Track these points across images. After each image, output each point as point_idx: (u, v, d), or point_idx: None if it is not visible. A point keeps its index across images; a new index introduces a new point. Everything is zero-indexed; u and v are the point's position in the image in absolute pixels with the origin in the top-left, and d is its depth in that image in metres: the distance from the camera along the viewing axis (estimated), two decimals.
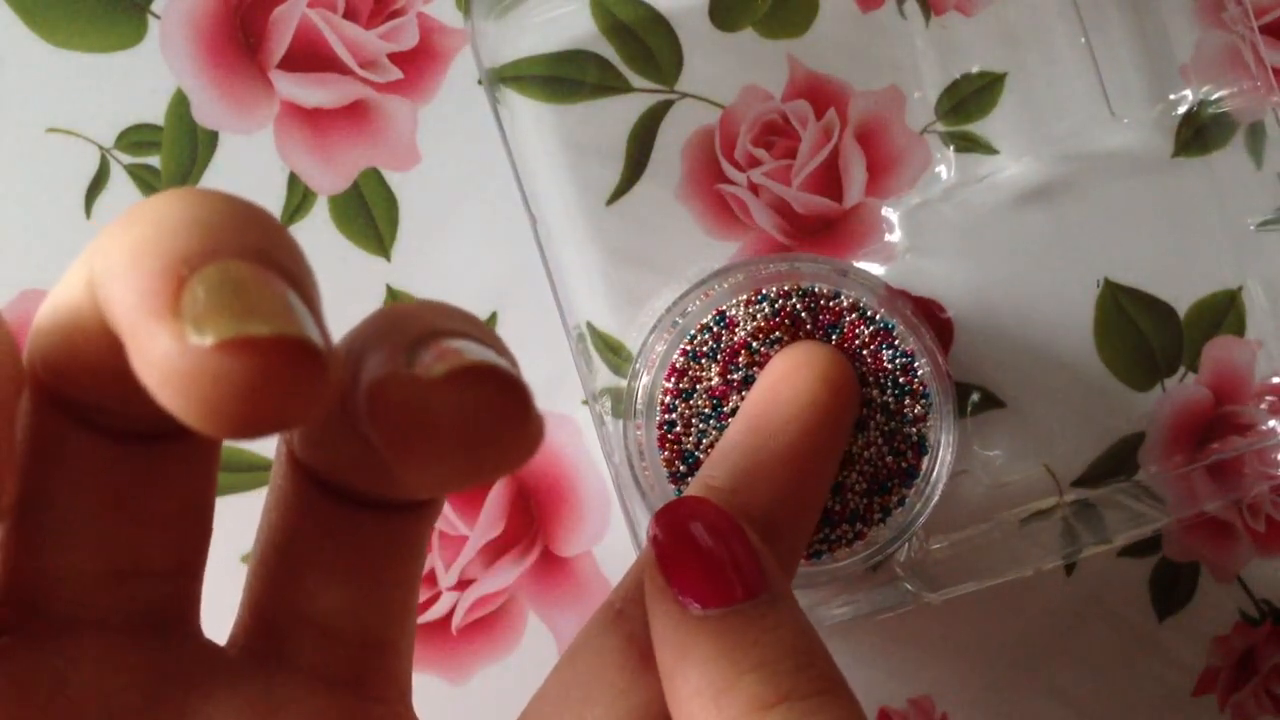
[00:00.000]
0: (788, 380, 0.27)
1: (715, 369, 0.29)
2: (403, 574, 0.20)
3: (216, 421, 0.13)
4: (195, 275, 0.13)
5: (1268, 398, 0.33)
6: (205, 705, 0.18)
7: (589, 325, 0.32)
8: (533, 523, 0.34)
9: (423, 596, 0.33)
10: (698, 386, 0.29)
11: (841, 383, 0.27)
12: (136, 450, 0.18)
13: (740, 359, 0.29)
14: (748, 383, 0.29)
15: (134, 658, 0.18)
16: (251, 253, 0.14)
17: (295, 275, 0.14)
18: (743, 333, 0.29)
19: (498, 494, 0.34)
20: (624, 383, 0.31)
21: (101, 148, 0.33)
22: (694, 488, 0.25)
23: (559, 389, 0.33)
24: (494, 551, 0.34)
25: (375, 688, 0.20)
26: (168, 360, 0.13)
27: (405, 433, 0.15)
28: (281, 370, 0.13)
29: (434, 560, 0.33)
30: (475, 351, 0.16)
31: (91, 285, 0.15)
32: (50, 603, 0.18)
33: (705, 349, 0.29)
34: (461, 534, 0.33)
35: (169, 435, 0.18)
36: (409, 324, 0.16)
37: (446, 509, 0.33)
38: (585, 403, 0.33)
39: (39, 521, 0.18)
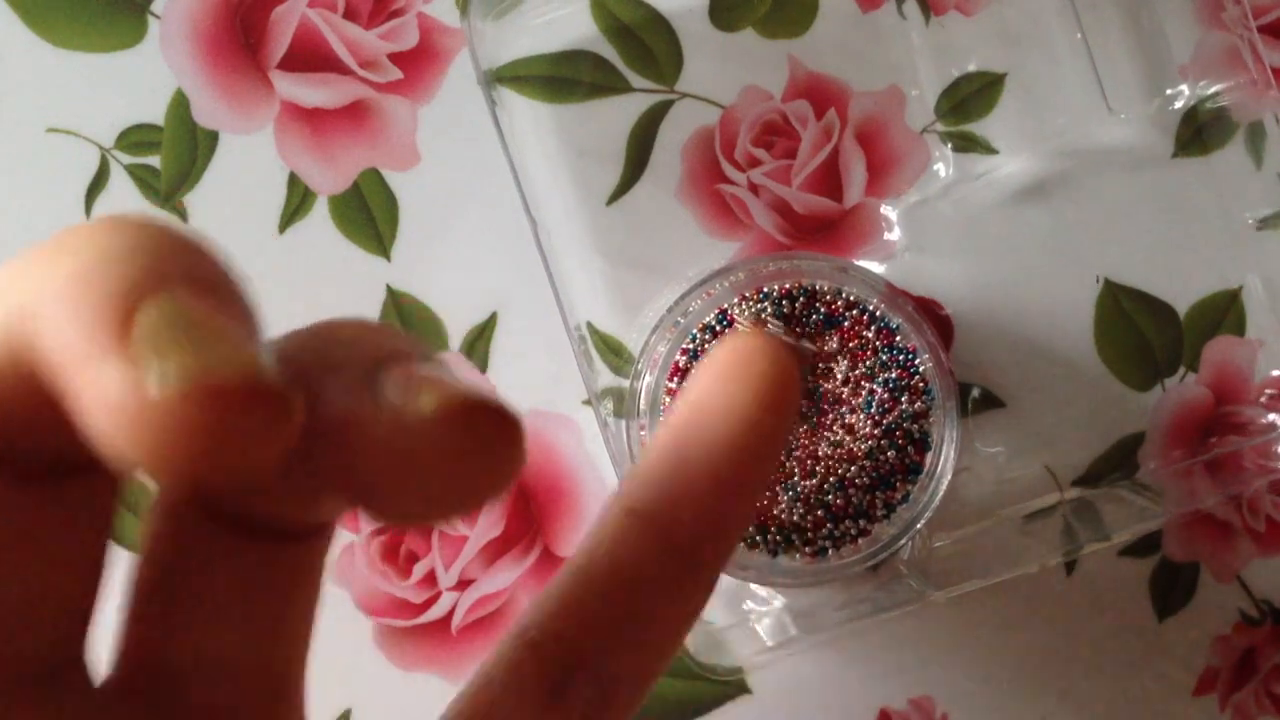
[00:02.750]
0: (720, 392, 0.23)
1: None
2: (302, 605, 0.19)
3: (171, 469, 0.12)
4: (143, 305, 0.12)
5: (1268, 391, 0.33)
6: None
7: (589, 325, 0.32)
8: (533, 523, 0.34)
9: (423, 596, 0.33)
10: None
11: (780, 394, 0.23)
12: (39, 489, 0.16)
13: None
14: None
15: (27, 714, 0.17)
16: (201, 283, 0.13)
17: (245, 309, 0.13)
18: (742, 330, 0.29)
19: None
20: (625, 383, 0.31)
21: (101, 148, 0.33)
22: (613, 509, 0.23)
23: (559, 389, 0.33)
24: (494, 551, 0.33)
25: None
26: (117, 403, 0.12)
27: (390, 473, 0.14)
28: (246, 416, 0.12)
29: (434, 560, 0.33)
30: (453, 382, 0.14)
31: (11, 318, 0.13)
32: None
33: (707, 348, 0.29)
34: (461, 534, 0.33)
35: (74, 471, 0.16)
36: (357, 345, 0.15)
37: None
38: (586, 403, 0.33)
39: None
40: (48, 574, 0.16)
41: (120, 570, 0.18)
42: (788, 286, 0.29)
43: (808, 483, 0.30)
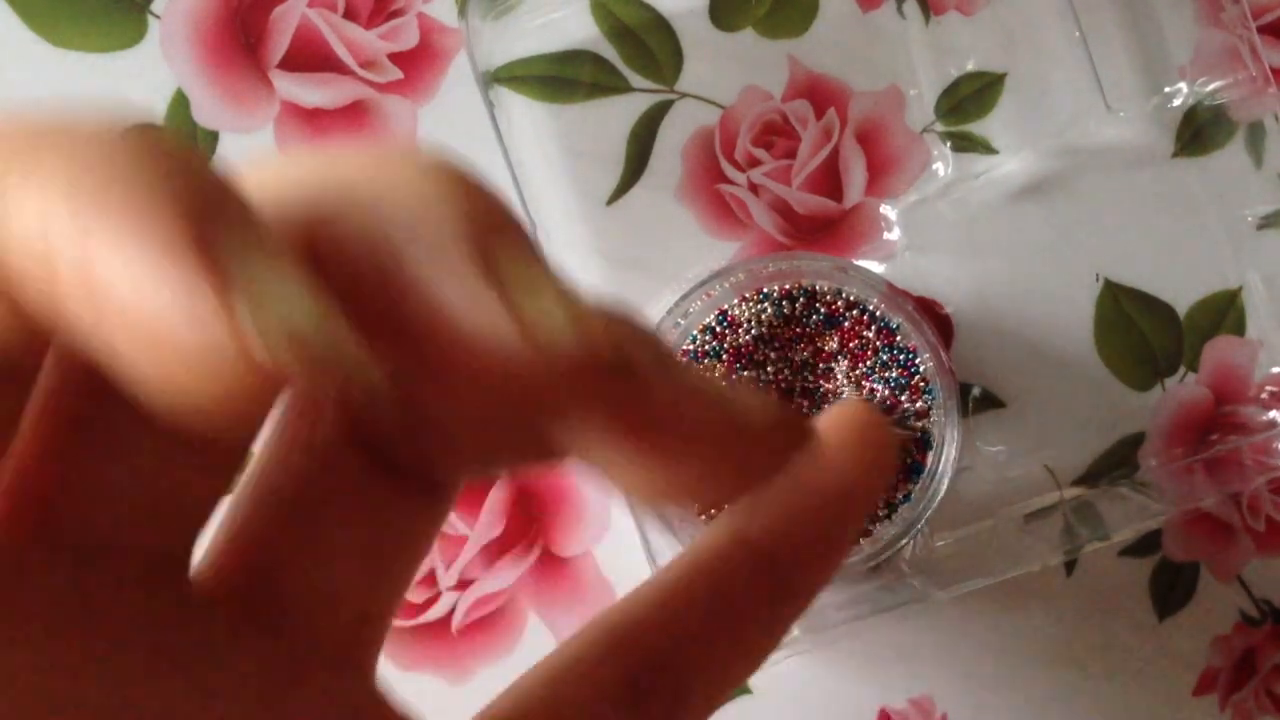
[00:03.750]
0: (844, 451, 0.25)
1: (719, 370, 0.29)
2: (412, 562, 0.19)
3: (194, 408, 0.11)
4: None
5: (1268, 388, 0.33)
6: (219, 665, 0.17)
7: None
8: (533, 523, 0.34)
9: (423, 596, 0.33)
10: None
11: (888, 467, 0.25)
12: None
13: (744, 359, 0.29)
14: (749, 382, 0.29)
15: (153, 589, 0.16)
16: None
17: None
18: (746, 333, 0.29)
19: (498, 494, 0.33)
20: None
21: None
22: (719, 531, 0.24)
23: None
24: (494, 551, 0.33)
25: (368, 668, 0.19)
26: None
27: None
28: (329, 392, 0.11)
29: (434, 560, 0.33)
30: (568, 296, 0.13)
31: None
32: (81, 526, 0.16)
33: (708, 349, 0.29)
34: (461, 534, 0.33)
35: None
36: (442, 206, 0.13)
37: None
38: None
39: (90, 437, 0.16)
40: (189, 463, 0.16)
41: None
42: (788, 287, 0.29)
43: None
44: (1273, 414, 0.33)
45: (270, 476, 0.18)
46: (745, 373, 0.29)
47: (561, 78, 0.33)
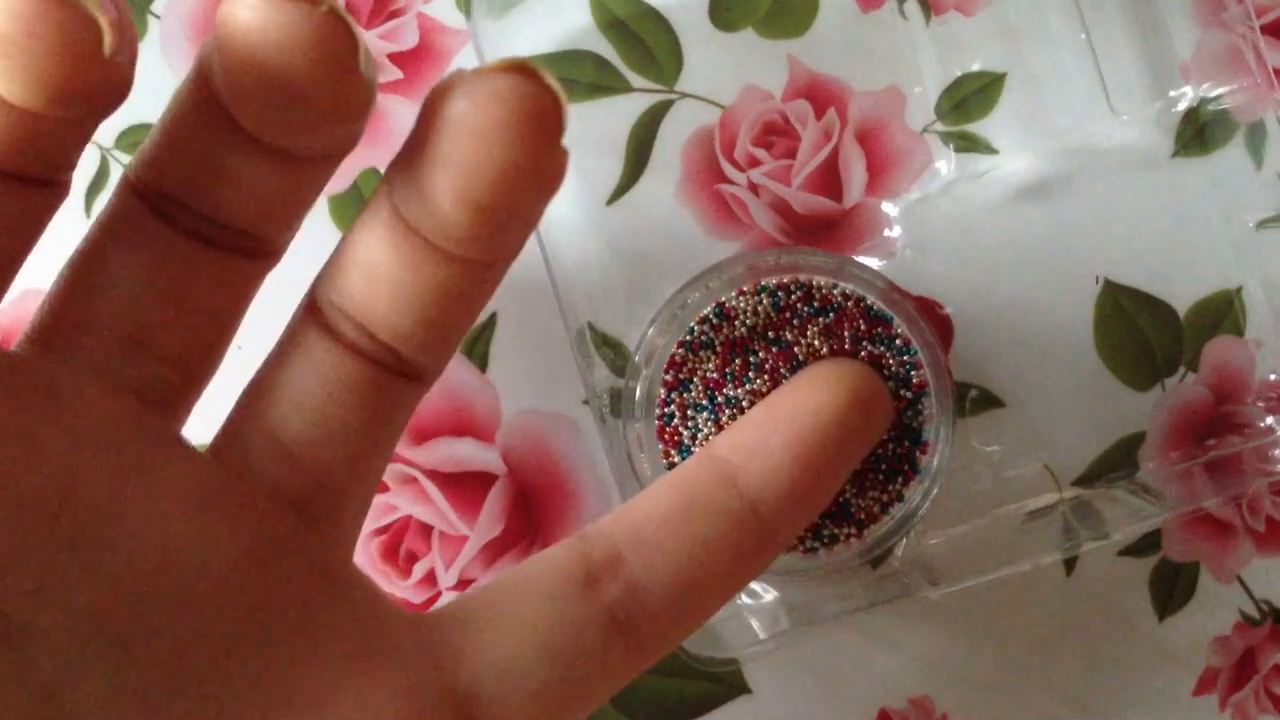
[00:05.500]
0: (818, 386, 0.26)
1: (713, 361, 0.29)
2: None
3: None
4: None
5: (1266, 395, 0.33)
6: (169, 467, 0.20)
7: (589, 325, 0.32)
8: (533, 523, 0.34)
9: (423, 596, 0.33)
10: (695, 379, 0.29)
11: (870, 402, 0.27)
12: (194, 247, 0.20)
13: (738, 350, 0.29)
14: (746, 374, 0.29)
15: (121, 411, 0.19)
16: None
17: None
18: (742, 325, 0.29)
19: (498, 494, 0.34)
20: (624, 382, 0.31)
21: (101, 148, 0.33)
22: (701, 452, 0.26)
23: (559, 389, 0.33)
24: (494, 551, 0.34)
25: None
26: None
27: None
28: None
29: (434, 560, 0.33)
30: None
31: None
32: (66, 345, 0.20)
33: (704, 341, 0.29)
34: (461, 534, 0.33)
35: (227, 247, 0.20)
36: None
37: (446, 508, 0.33)
38: (586, 403, 0.33)
39: (87, 273, 0.20)
40: (176, 317, 0.20)
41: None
42: (786, 281, 0.29)
43: None
44: (1271, 420, 0.33)
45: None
46: (740, 363, 0.29)
47: (562, 77, 0.33)
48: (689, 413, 0.29)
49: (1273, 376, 0.33)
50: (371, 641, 0.20)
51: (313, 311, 0.22)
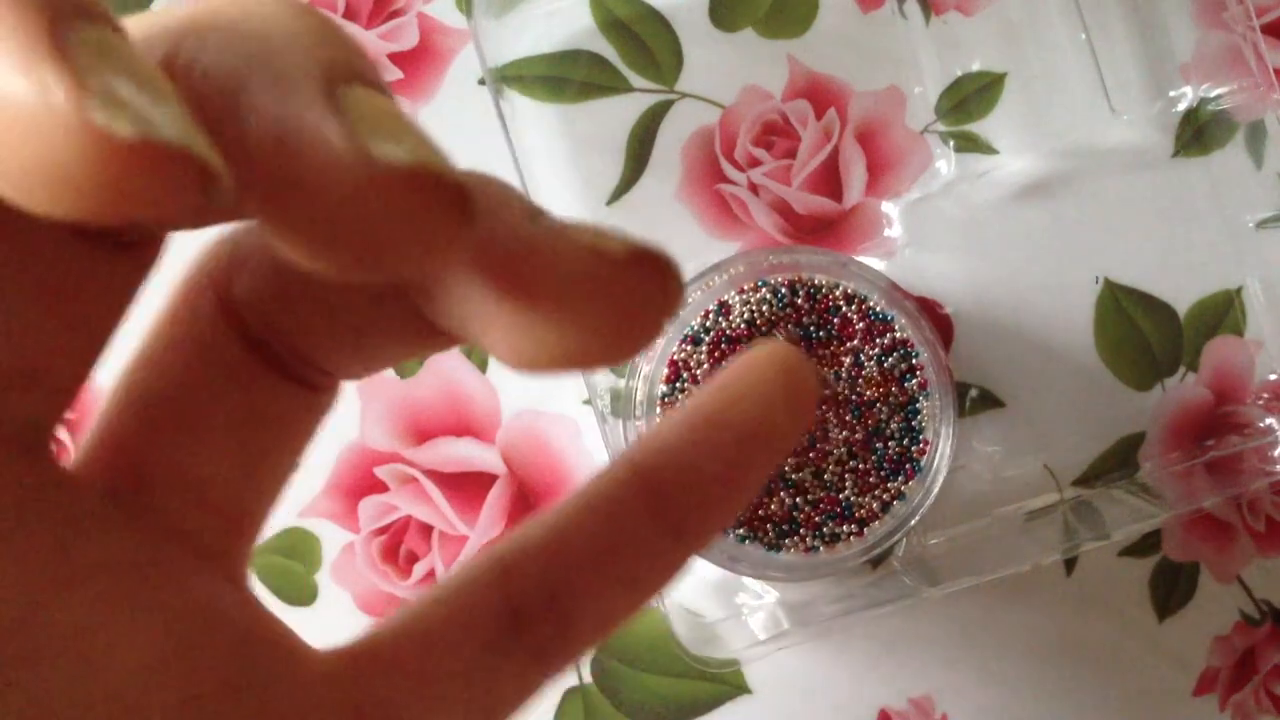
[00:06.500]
0: (743, 381, 0.24)
1: (712, 356, 0.29)
2: (288, 455, 0.19)
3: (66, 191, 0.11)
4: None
5: (1264, 395, 0.33)
6: (86, 547, 0.16)
7: None
8: None
9: None
10: (695, 377, 0.29)
11: (797, 399, 0.24)
12: (72, 245, 0.16)
13: (739, 348, 0.29)
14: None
15: (13, 459, 0.16)
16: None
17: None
18: (740, 321, 0.29)
19: (498, 494, 0.33)
20: (624, 382, 0.31)
21: None
22: (618, 462, 0.23)
23: (559, 389, 0.33)
24: None
25: (237, 569, 0.19)
26: (35, 109, 0.10)
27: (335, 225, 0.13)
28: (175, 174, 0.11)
29: (434, 560, 0.33)
30: (413, 131, 0.13)
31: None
32: None
33: (704, 338, 0.29)
34: (461, 534, 0.33)
35: (108, 243, 0.16)
36: (296, 45, 0.13)
37: (447, 508, 0.33)
38: (586, 402, 0.33)
39: None
40: (59, 333, 0.16)
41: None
42: (787, 279, 0.29)
43: (804, 477, 0.30)
44: (1270, 421, 0.33)
45: (141, 370, 0.18)
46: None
47: (563, 77, 0.33)
48: None
49: (1272, 376, 0.33)
50: (302, 714, 0.18)
51: (223, 306, 0.18)
